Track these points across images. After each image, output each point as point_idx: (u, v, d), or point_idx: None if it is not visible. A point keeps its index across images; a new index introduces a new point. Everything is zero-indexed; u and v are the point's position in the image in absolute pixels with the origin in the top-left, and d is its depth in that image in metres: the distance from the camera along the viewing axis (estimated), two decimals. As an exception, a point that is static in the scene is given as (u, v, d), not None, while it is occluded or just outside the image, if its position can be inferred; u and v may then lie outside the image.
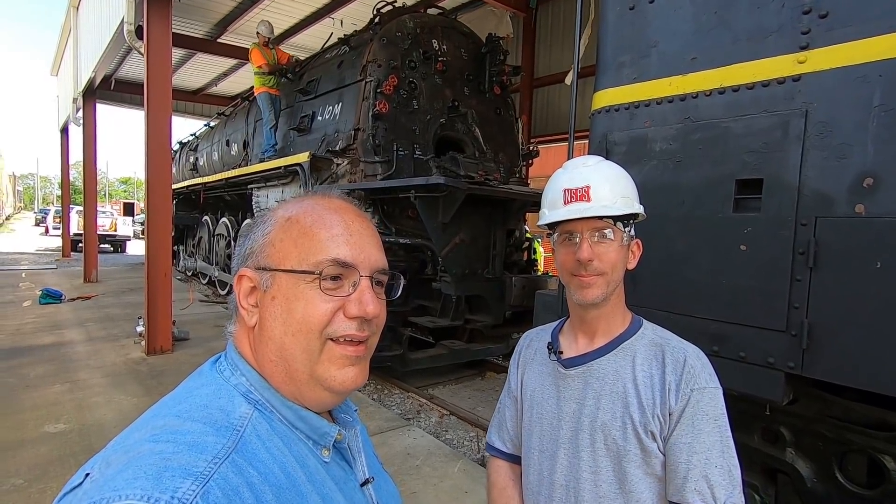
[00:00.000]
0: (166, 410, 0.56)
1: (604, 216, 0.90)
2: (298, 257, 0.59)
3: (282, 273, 0.60)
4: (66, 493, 0.50)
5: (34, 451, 3.21)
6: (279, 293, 0.59)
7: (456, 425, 4.27)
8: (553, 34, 9.50)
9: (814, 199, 1.56)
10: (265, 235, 0.62)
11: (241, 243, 0.65)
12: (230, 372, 0.61)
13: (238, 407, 0.56)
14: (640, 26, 2.02)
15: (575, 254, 0.90)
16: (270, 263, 0.60)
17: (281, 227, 0.62)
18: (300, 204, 0.64)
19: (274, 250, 0.61)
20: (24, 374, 4.71)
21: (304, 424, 0.60)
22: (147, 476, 0.45)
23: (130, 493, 0.43)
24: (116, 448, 0.51)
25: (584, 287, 0.91)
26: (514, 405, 1.07)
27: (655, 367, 0.89)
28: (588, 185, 0.91)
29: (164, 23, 5.45)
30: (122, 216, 21.15)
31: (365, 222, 0.65)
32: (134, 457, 0.48)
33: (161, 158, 5.55)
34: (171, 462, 0.47)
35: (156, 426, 0.52)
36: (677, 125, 1.91)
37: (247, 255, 0.63)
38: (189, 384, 0.61)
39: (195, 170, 11.41)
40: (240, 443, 0.52)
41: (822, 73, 1.56)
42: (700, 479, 0.82)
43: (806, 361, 1.56)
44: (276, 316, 0.59)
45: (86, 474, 0.50)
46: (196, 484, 0.46)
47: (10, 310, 7.55)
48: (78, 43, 10.37)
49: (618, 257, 0.92)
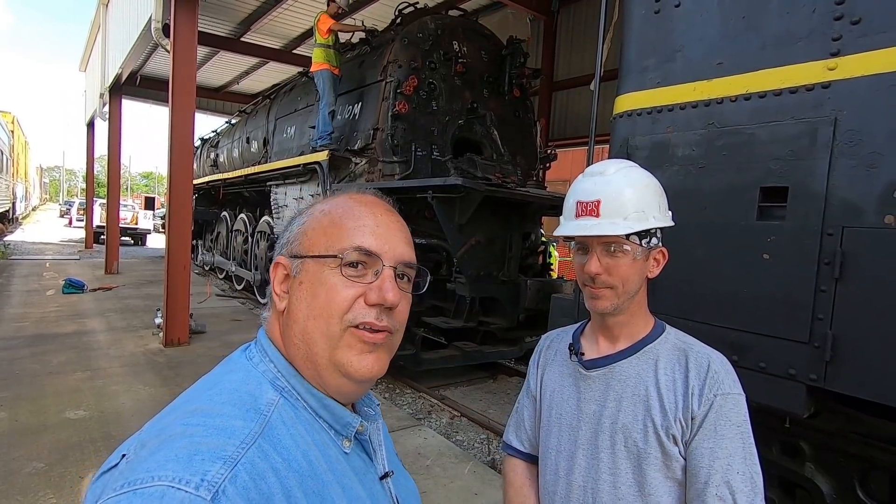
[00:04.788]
0: (197, 395, 0.57)
1: (609, 234, 0.88)
2: (326, 244, 0.62)
3: (310, 259, 0.62)
4: (104, 472, 0.51)
5: (55, 437, 3.30)
6: (306, 278, 0.62)
7: (467, 427, 4.27)
8: (574, 37, 9.44)
9: (841, 208, 1.53)
10: (301, 226, 0.66)
11: (282, 234, 0.69)
12: (259, 358, 0.62)
13: (265, 393, 0.58)
14: (665, 30, 2.00)
15: (584, 266, 0.91)
16: (302, 251, 0.63)
17: (315, 219, 0.65)
18: (336, 198, 0.68)
19: (306, 239, 0.64)
20: (48, 360, 4.84)
21: (327, 413, 0.61)
22: (178, 459, 0.46)
23: (163, 475, 0.45)
24: (151, 430, 0.53)
25: (593, 298, 0.92)
26: (532, 405, 1.07)
27: (678, 371, 0.89)
28: (599, 199, 0.89)
29: (191, 21, 5.56)
30: (143, 210, 21.57)
31: (394, 216, 0.68)
32: (166, 439, 0.49)
33: (183, 154, 5.66)
34: (201, 445, 0.48)
35: (187, 410, 0.54)
36: (701, 131, 1.88)
37: (284, 245, 0.66)
38: (219, 370, 0.63)
39: (215, 166, 11.60)
40: (266, 428, 0.53)
41: (853, 80, 1.53)
42: (721, 484, 0.81)
43: (829, 374, 1.53)
44: (302, 299, 0.62)
45: (122, 455, 0.51)
46: (225, 467, 0.47)
47: (35, 298, 7.76)
48: (106, 39, 10.63)
49: (630, 271, 0.90)
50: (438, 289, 5.14)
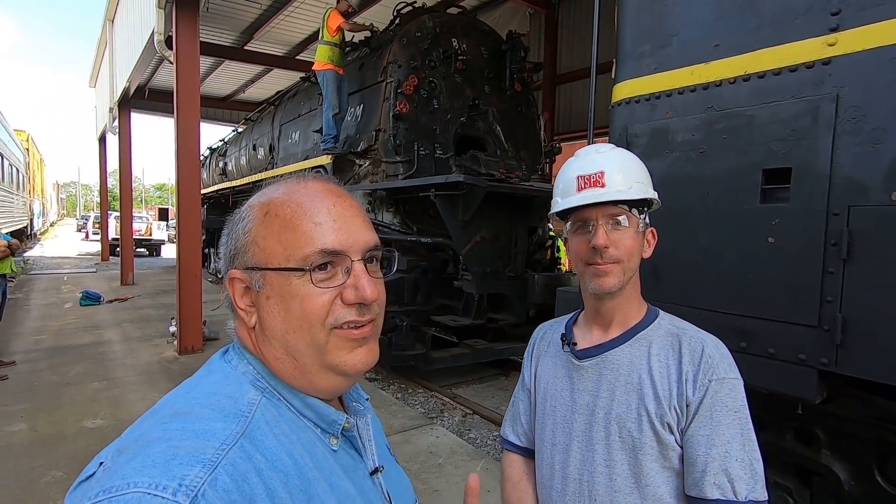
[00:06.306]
0: (176, 399, 0.56)
1: (619, 201, 0.88)
2: (284, 254, 0.57)
3: (271, 272, 0.58)
4: (82, 481, 0.50)
5: (73, 446, 3.36)
6: (273, 292, 0.58)
7: (479, 424, 4.25)
8: (575, 30, 9.37)
9: (846, 187, 1.49)
10: (247, 233, 0.60)
11: (225, 242, 0.63)
12: (238, 360, 0.61)
13: (246, 393, 0.57)
14: (660, 15, 1.97)
15: (589, 241, 0.88)
16: (258, 263, 0.58)
17: (261, 223, 0.59)
18: (276, 193, 0.61)
19: (258, 249, 0.58)
20: (65, 371, 4.93)
21: (311, 412, 0.60)
22: (155, 464, 0.45)
23: (139, 482, 0.44)
24: (129, 437, 0.52)
25: (599, 276, 0.89)
26: (527, 398, 1.05)
27: (672, 357, 0.87)
28: (602, 170, 0.89)
29: (192, 31, 5.63)
30: (156, 221, 21.92)
31: (347, 202, 0.62)
32: (143, 445, 0.48)
33: (191, 164, 5.73)
34: (179, 450, 0.47)
35: (165, 414, 0.53)
36: (700, 115, 1.85)
37: (233, 256, 0.61)
38: (199, 374, 0.62)
39: (224, 174, 11.74)
40: (248, 429, 0.52)
41: (853, 55, 1.49)
42: (720, 472, 0.79)
43: (840, 357, 1.49)
44: (275, 315, 0.58)
45: (100, 463, 0.51)
46: (204, 471, 0.46)
47: (54, 311, 7.92)
48: (113, 55, 10.82)
49: (633, 245, 0.89)
50: (446, 287, 5.13)
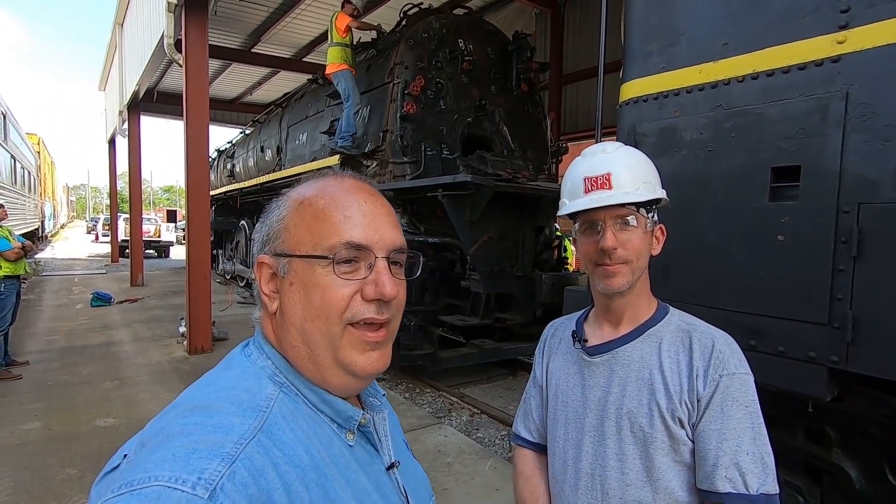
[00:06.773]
0: (196, 393, 0.57)
1: (626, 203, 0.88)
2: (312, 242, 0.59)
3: (297, 259, 0.59)
4: (107, 473, 0.52)
5: (87, 444, 3.40)
6: (296, 279, 0.59)
7: (487, 424, 4.26)
8: (582, 30, 9.35)
9: (856, 185, 1.48)
10: (280, 220, 0.62)
11: (259, 228, 0.65)
12: (257, 355, 0.62)
13: (264, 388, 0.57)
14: (668, 13, 1.97)
15: (598, 243, 0.89)
16: (286, 249, 0.60)
17: (295, 212, 0.61)
18: (313, 186, 0.63)
19: (289, 235, 0.60)
20: (78, 371, 5.00)
21: (328, 408, 0.61)
22: (175, 458, 0.46)
23: (160, 475, 0.45)
24: (151, 429, 0.53)
25: (608, 276, 0.90)
26: (539, 394, 1.06)
27: (682, 352, 0.87)
28: (609, 172, 0.89)
29: (202, 35, 5.69)
30: (165, 223, 22.11)
31: (379, 201, 0.64)
32: (164, 438, 0.49)
33: (199, 166, 5.79)
34: (199, 444, 0.48)
35: (186, 408, 0.54)
36: (709, 113, 1.85)
37: (265, 241, 0.63)
38: (218, 368, 0.63)
39: (232, 176, 11.82)
40: (266, 423, 0.53)
41: (863, 52, 1.49)
42: (731, 466, 0.79)
43: (851, 355, 1.48)
44: (296, 302, 0.59)
45: (124, 455, 0.52)
46: (223, 465, 0.47)
47: (65, 312, 8.01)
48: (123, 58, 10.94)
49: (642, 244, 0.90)
50: (454, 287, 5.15)
